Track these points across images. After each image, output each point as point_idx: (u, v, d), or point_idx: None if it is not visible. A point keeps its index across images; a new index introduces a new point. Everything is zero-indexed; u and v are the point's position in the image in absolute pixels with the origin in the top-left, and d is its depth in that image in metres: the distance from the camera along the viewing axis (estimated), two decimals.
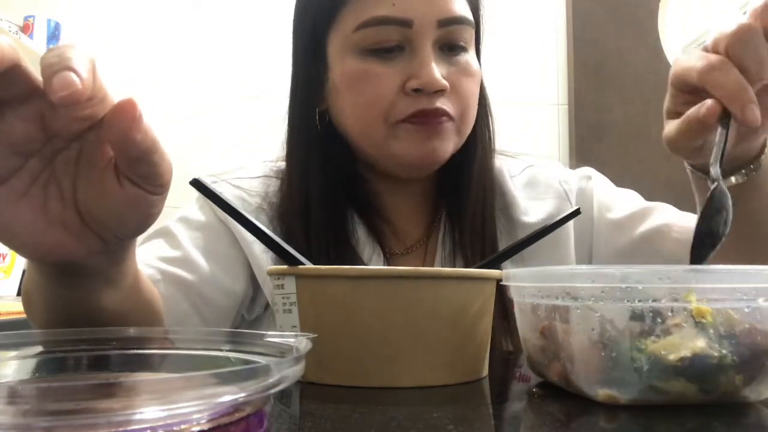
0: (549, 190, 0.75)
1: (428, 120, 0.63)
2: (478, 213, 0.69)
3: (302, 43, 0.70)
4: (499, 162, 0.76)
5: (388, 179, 0.71)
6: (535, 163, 0.79)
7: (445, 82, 0.62)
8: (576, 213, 0.52)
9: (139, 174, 0.35)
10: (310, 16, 0.69)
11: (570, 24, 2.05)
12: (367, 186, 0.72)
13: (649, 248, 0.70)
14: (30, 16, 1.83)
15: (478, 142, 0.71)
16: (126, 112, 0.33)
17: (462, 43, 0.65)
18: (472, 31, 0.67)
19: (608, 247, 0.72)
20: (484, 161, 0.72)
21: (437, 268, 0.65)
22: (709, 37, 0.49)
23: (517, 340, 0.65)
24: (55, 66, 0.31)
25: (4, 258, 1.68)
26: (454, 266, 0.69)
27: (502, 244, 0.70)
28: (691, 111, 0.49)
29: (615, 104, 2.03)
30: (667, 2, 1.57)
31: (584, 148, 1.99)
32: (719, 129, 0.47)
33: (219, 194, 0.41)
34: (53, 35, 1.85)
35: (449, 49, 0.65)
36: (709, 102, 0.47)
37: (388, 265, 0.69)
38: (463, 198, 0.70)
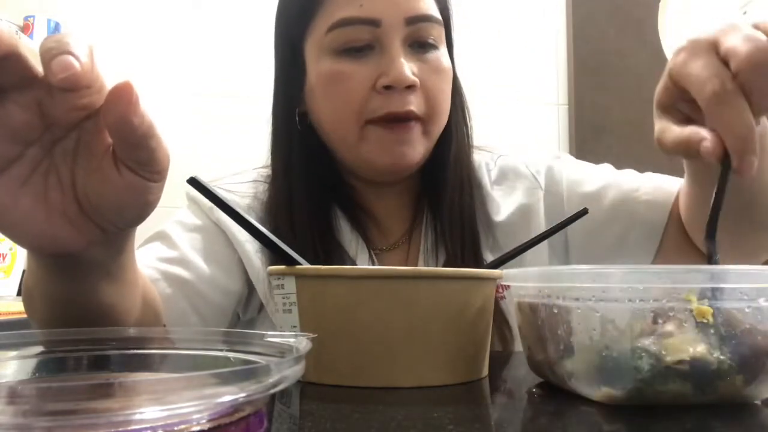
0: (518, 178, 0.76)
1: (397, 125, 0.64)
2: (457, 205, 0.71)
3: (281, 47, 0.72)
4: (479, 157, 0.77)
5: (368, 181, 0.72)
6: (506, 154, 0.80)
7: (414, 78, 0.64)
8: (583, 213, 0.52)
9: (137, 160, 0.35)
10: (287, 22, 0.71)
11: (570, 24, 2.05)
12: (351, 184, 0.73)
13: (622, 215, 0.70)
14: (30, 16, 1.82)
15: (454, 137, 0.72)
16: (123, 96, 0.33)
17: (431, 41, 0.67)
18: (441, 29, 0.68)
19: (582, 223, 0.70)
20: (461, 155, 0.73)
21: (437, 268, 0.65)
22: (721, 35, 0.41)
23: (505, 337, 0.66)
24: (54, 50, 0.31)
25: (4, 258, 1.68)
26: (437, 259, 0.71)
27: (483, 236, 0.71)
28: (690, 137, 0.43)
29: (615, 104, 2.03)
30: (667, 3, 1.57)
31: (584, 148, 1.99)
32: (720, 169, 0.41)
33: (215, 192, 0.41)
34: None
35: (419, 46, 0.66)
36: (709, 139, 0.41)
37: (373, 261, 0.69)
38: (443, 191, 0.71)
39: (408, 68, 0.63)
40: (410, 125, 0.65)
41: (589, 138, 2.01)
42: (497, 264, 0.50)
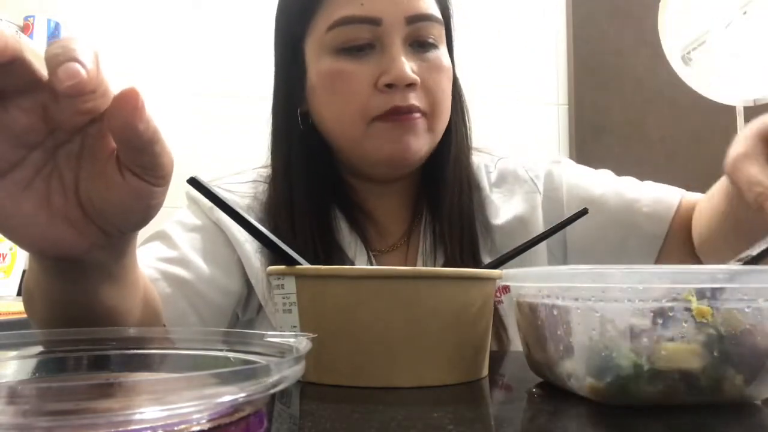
0: (517, 181, 0.76)
1: (401, 117, 0.64)
2: (456, 207, 0.71)
3: (282, 46, 0.73)
4: (478, 158, 0.78)
5: (369, 179, 0.72)
6: (506, 156, 0.80)
7: (415, 76, 0.64)
8: (583, 212, 0.53)
9: (141, 165, 0.36)
10: (287, 20, 0.71)
11: (570, 24, 2.05)
12: (350, 185, 0.73)
13: (621, 224, 0.71)
14: (30, 16, 1.82)
15: (454, 137, 0.73)
16: (129, 102, 0.33)
17: (431, 40, 0.67)
18: (442, 28, 0.69)
19: (582, 228, 0.71)
20: (460, 156, 0.73)
21: (437, 269, 0.65)
22: None
23: (501, 340, 0.66)
24: (60, 57, 0.31)
25: (4, 258, 1.68)
26: (435, 260, 0.71)
27: (481, 238, 0.71)
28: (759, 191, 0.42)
29: (615, 104, 2.03)
30: (667, 2, 1.57)
31: (584, 148, 1.99)
32: None
33: (215, 192, 0.41)
34: (53, 35, 1.85)
35: (419, 45, 0.67)
36: None
37: (372, 263, 0.70)
38: (442, 192, 0.71)
39: (408, 67, 0.64)
40: (415, 117, 0.65)
41: (589, 138, 2.01)
42: (497, 264, 0.50)
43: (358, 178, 0.73)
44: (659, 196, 0.70)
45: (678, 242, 0.67)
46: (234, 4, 1.97)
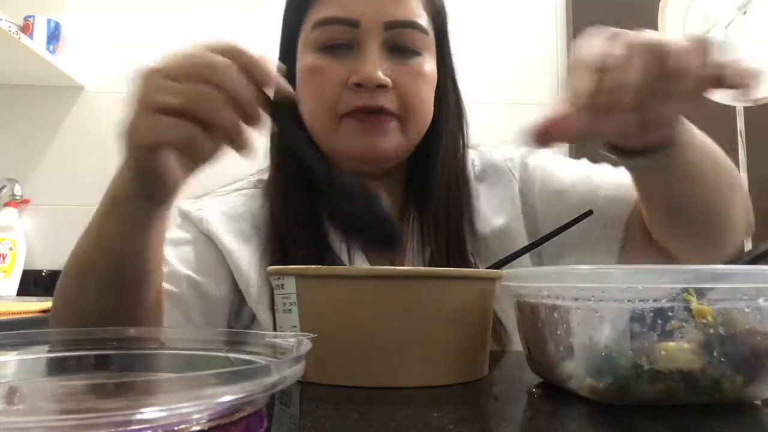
0: (498, 173, 0.77)
1: (369, 117, 0.66)
2: (442, 207, 0.72)
3: (282, 41, 0.75)
4: (470, 156, 0.79)
5: (357, 175, 0.73)
6: (487, 150, 0.81)
7: (385, 78, 0.65)
8: (588, 213, 0.53)
9: None
10: (286, 17, 0.74)
11: (570, 24, 2.05)
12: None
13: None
14: (30, 16, 1.82)
15: (443, 140, 0.73)
16: None
17: (412, 47, 0.68)
18: (426, 37, 0.69)
19: (551, 217, 0.72)
20: (449, 157, 0.74)
21: (437, 269, 0.65)
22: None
23: (500, 336, 0.67)
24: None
25: (4, 258, 1.68)
26: (424, 257, 0.71)
27: (468, 236, 0.72)
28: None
29: None
30: (667, 2, 1.56)
31: (584, 147, 1.99)
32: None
33: None
34: (53, 35, 1.85)
35: (399, 50, 0.68)
36: None
37: (361, 258, 0.70)
38: (428, 193, 0.72)
39: (379, 69, 0.65)
40: (382, 118, 0.66)
41: (589, 138, 2.01)
42: (499, 265, 0.50)
43: (345, 171, 0.74)
44: (620, 181, 0.71)
45: (640, 233, 0.68)
46: (234, 4, 1.97)
